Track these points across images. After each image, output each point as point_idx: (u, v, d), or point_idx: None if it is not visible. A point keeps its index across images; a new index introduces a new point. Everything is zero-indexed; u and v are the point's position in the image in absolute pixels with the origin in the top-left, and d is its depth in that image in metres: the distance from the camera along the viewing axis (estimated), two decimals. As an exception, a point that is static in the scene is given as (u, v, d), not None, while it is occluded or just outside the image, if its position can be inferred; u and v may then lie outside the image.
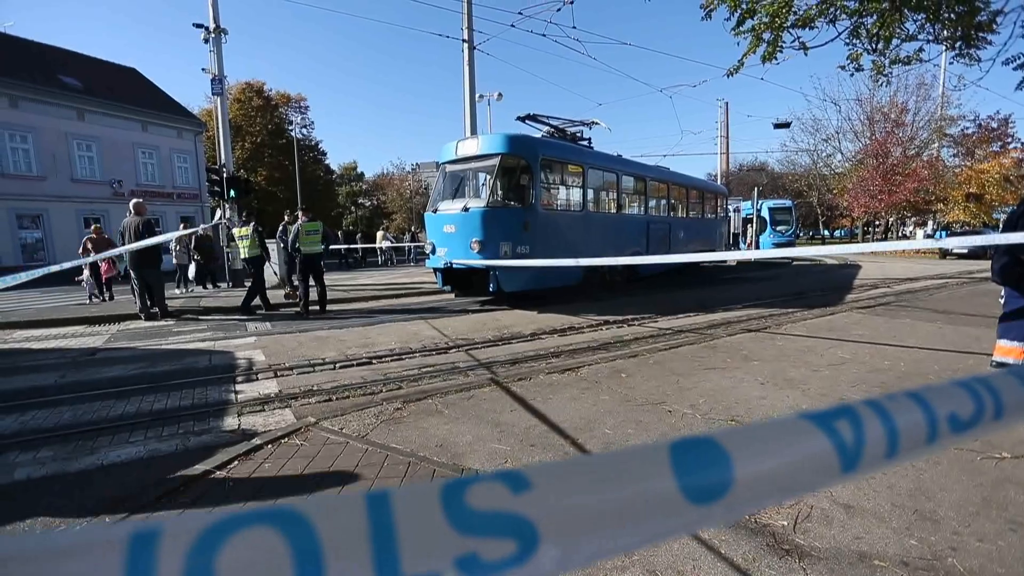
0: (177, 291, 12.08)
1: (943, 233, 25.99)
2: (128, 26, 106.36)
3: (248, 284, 9.31)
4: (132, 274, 8.22)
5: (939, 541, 1.98)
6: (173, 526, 0.28)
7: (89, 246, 10.40)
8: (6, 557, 0.26)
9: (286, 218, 11.68)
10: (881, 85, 7.43)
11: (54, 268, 5.97)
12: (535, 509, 0.35)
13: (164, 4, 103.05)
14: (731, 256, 13.18)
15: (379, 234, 25.11)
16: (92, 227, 11.14)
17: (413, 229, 30.34)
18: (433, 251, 9.30)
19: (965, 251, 20.07)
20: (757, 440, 0.46)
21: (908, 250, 24.83)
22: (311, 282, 8.63)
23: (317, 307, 8.72)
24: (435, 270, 9.88)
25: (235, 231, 10.09)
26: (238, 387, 4.52)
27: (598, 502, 0.37)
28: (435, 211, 9.31)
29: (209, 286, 12.98)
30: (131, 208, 8.43)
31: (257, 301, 9.02)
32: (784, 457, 0.46)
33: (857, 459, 0.49)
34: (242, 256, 9.47)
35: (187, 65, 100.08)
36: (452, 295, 10.41)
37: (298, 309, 8.63)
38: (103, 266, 10.75)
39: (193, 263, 12.35)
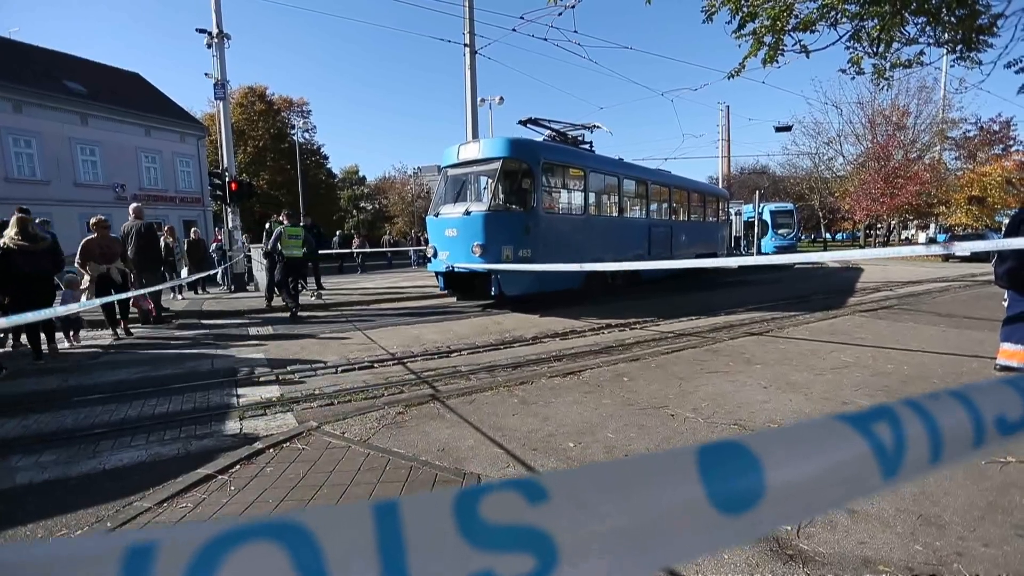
0: None
1: (945, 236, 25.94)
2: (132, 30, 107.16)
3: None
4: (132, 277, 8.15)
5: (944, 546, 1.97)
6: (170, 540, 0.27)
7: (97, 250, 6.93)
8: None
9: (274, 218, 11.60)
10: (882, 88, 7.44)
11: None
12: (554, 521, 0.33)
13: (168, 8, 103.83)
14: (734, 262, 13.16)
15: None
16: (92, 221, 7.13)
17: (414, 232, 30.39)
18: (435, 255, 9.31)
19: (967, 254, 20.00)
20: (788, 444, 0.43)
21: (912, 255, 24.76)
22: (300, 284, 8.64)
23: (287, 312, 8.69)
24: (437, 274, 9.89)
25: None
26: (240, 391, 4.52)
27: (620, 513, 0.35)
28: (437, 215, 9.33)
29: (200, 291, 12.89)
30: (131, 212, 8.46)
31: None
32: (818, 462, 0.42)
33: (898, 464, 0.45)
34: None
35: (190, 69, 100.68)
36: (454, 299, 10.41)
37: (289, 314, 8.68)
38: (145, 302, 8.14)
39: (185, 268, 12.32)
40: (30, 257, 5.32)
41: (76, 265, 6.99)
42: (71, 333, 6.73)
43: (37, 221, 8.78)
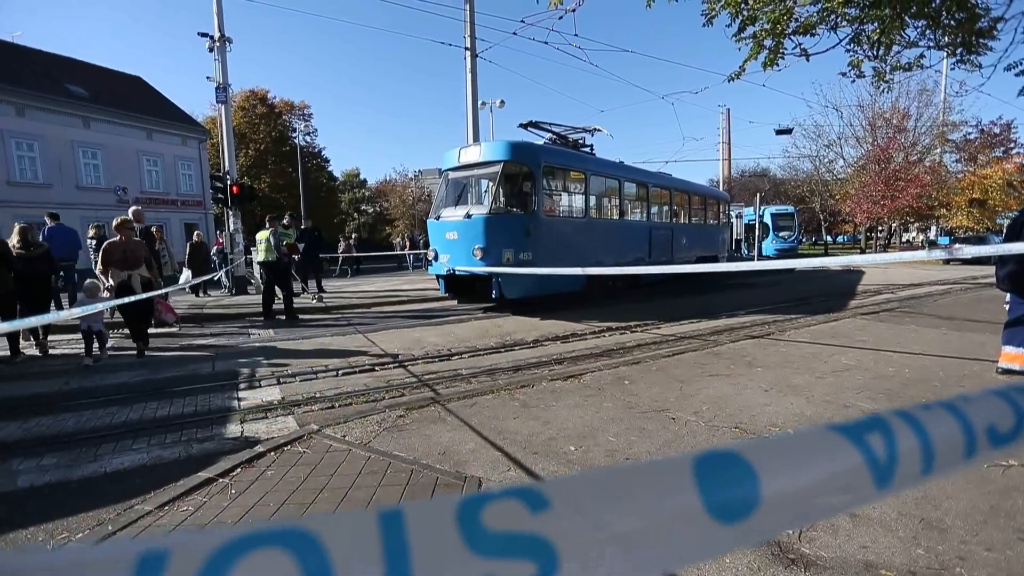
0: None
1: (946, 239, 25.92)
2: (132, 31, 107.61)
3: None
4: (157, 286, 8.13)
5: (946, 550, 1.96)
6: (182, 547, 0.27)
7: (117, 254, 6.14)
8: (5, 573, 0.25)
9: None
10: (883, 91, 7.45)
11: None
12: (555, 529, 0.34)
13: (168, 9, 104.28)
14: (735, 267, 13.17)
15: None
16: (116, 221, 6.37)
17: (408, 237, 30.23)
18: (436, 258, 9.32)
19: (968, 256, 19.95)
20: (784, 454, 0.43)
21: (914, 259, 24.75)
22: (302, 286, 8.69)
23: (284, 316, 8.77)
24: (437, 277, 9.90)
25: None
26: (241, 394, 4.52)
27: (619, 519, 0.36)
28: (438, 218, 9.34)
29: (201, 294, 12.87)
30: (131, 215, 8.49)
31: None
32: (813, 472, 0.43)
33: (891, 475, 0.45)
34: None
35: (191, 72, 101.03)
36: (455, 302, 10.41)
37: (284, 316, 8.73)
38: (161, 305, 7.75)
39: (186, 271, 12.31)
40: (27, 262, 6.13)
41: (97, 271, 6.39)
42: (95, 347, 5.93)
43: (91, 226, 9.21)
